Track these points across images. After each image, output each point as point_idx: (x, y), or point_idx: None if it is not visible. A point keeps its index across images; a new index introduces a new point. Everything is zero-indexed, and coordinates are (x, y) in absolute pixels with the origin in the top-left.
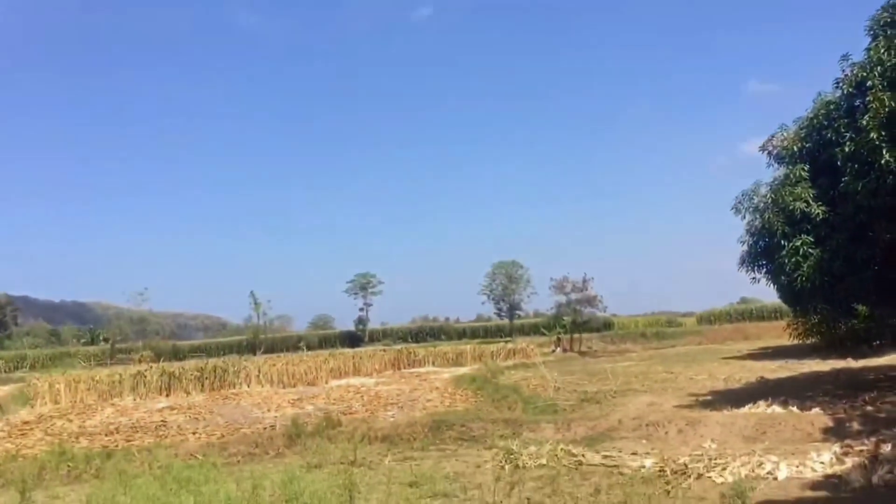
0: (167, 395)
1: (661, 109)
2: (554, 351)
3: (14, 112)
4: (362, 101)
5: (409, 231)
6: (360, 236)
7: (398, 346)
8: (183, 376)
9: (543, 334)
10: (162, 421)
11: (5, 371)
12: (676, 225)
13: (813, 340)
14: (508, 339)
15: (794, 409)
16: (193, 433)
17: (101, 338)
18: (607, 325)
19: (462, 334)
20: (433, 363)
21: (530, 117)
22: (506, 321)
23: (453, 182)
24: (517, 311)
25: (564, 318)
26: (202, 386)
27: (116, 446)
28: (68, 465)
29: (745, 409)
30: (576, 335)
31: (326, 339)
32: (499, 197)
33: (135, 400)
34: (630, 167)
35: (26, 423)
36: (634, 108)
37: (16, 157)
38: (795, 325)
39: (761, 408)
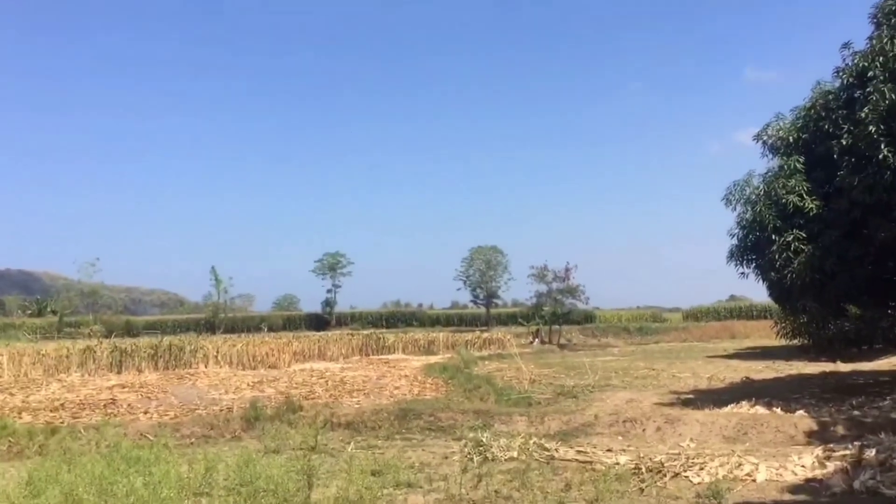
0: (118, 373)
1: (655, 93)
2: (532, 342)
3: None
4: (335, 78)
5: (383, 211)
6: (331, 215)
7: (367, 331)
8: (136, 353)
9: (521, 325)
10: (111, 399)
11: None
12: (666, 214)
13: (801, 341)
14: (484, 328)
15: (779, 410)
16: (145, 413)
17: (48, 310)
18: (589, 318)
19: (435, 321)
20: (403, 350)
21: (515, 97)
22: (482, 309)
23: (430, 163)
24: (494, 300)
25: (544, 308)
26: (156, 364)
27: (62, 423)
28: (9, 441)
29: (728, 408)
30: (555, 327)
31: (291, 321)
32: (478, 179)
33: (83, 376)
34: (620, 152)
35: None
36: (626, 91)
37: None
38: (784, 325)
39: (744, 408)
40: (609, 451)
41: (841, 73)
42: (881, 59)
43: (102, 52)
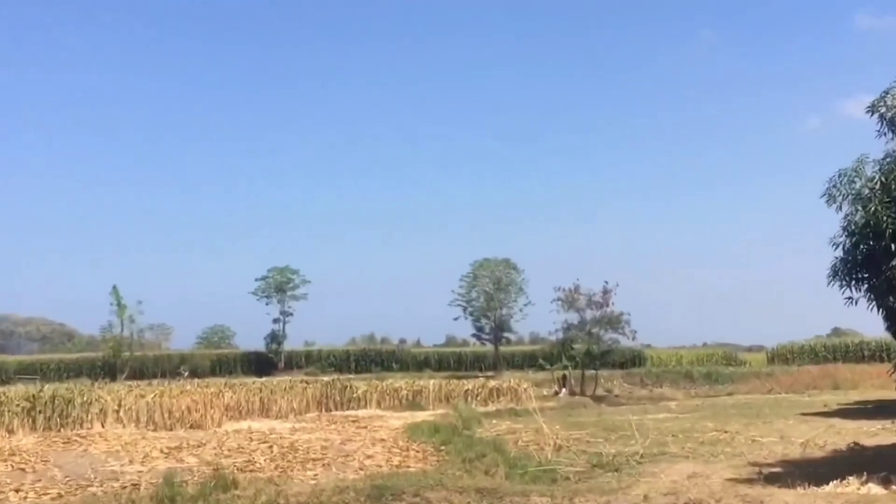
0: None
1: (731, 45)
2: (557, 393)
3: None
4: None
5: (350, 215)
6: (278, 219)
7: (328, 378)
8: (5, 407)
9: (542, 368)
10: None
11: None
12: (742, 216)
13: None
14: (491, 373)
15: None
16: (16, 491)
17: None
18: (637, 360)
19: (423, 364)
20: (378, 404)
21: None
22: (489, 347)
23: (412, 147)
24: (506, 334)
25: (574, 345)
26: (33, 423)
27: None
28: None
29: (829, 487)
30: (590, 372)
31: (223, 363)
32: (482, 170)
33: None
34: (678, 130)
35: None
36: (692, 42)
37: None
38: None
39: (852, 486)
40: None
41: None
42: None
43: None
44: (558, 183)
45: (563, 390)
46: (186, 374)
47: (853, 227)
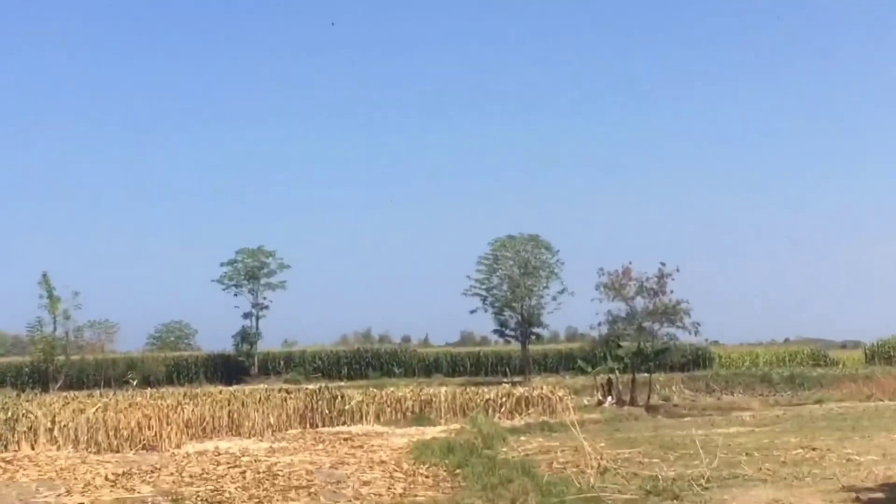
0: None
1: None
2: (601, 403)
3: None
4: None
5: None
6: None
7: (313, 386)
8: None
9: (583, 372)
10: None
11: None
12: (834, 185)
13: None
14: (518, 378)
15: None
16: None
17: None
18: (701, 360)
19: (433, 367)
20: (377, 418)
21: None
22: (514, 346)
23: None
24: (535, 329)
25: (622, 343)
26: None
27: None
28: None
29: None
30: (642, 375)
31: (181, 368)
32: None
33: None
34: (758, 88)
35: None
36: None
37: None
38: None
39: None
40: None
41: None
42: None
43: None
44: (603, 146)
45: (609, 399)
46: (136, 382)
47: None
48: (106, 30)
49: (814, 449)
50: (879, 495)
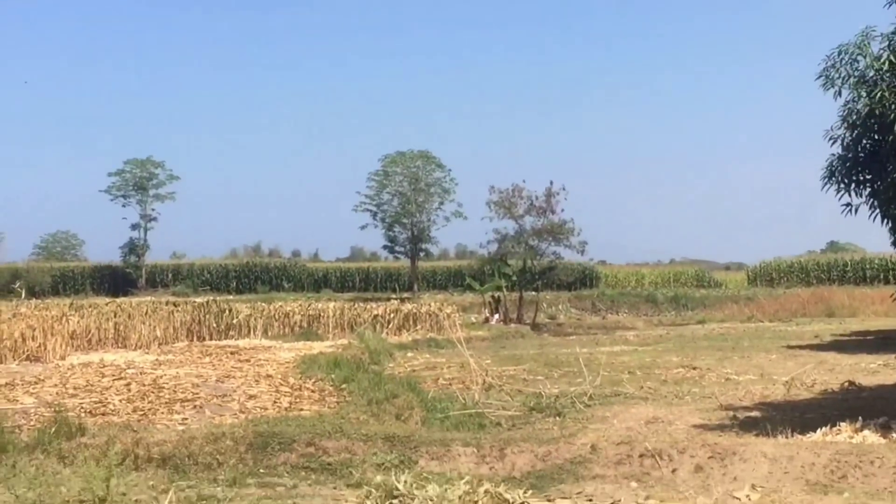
0: None
1: None
2: (488, 320)
3: None
4: None
5: (228, 97)
6: (137, 99)
7: (202, 299)
8: None
9: (471, 289)
10: None
11: None
12: (715, 103)
13: None
14: (407, 294)
15: None
16: None
17: None
18: (587, 279)
19: (322, 282)
20: (265, 332)
21: None
22: (404, 262)
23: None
24: (425, 246)
25: (510, 261)
26: None
27: None
28: None
29: (817, 434)
30: (529, 294)
31: (67, 279)
32: (397, 45)
33: None
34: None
35: None
36: None
37: None
38: None
39: (844, 434)
40: None
41: None
42: None
43: None
44: (494, 64)
45: (496, 316)
46: (22, 293)
47: (854, 117)
48: None
49: (694, 368)
50: (755, 414)
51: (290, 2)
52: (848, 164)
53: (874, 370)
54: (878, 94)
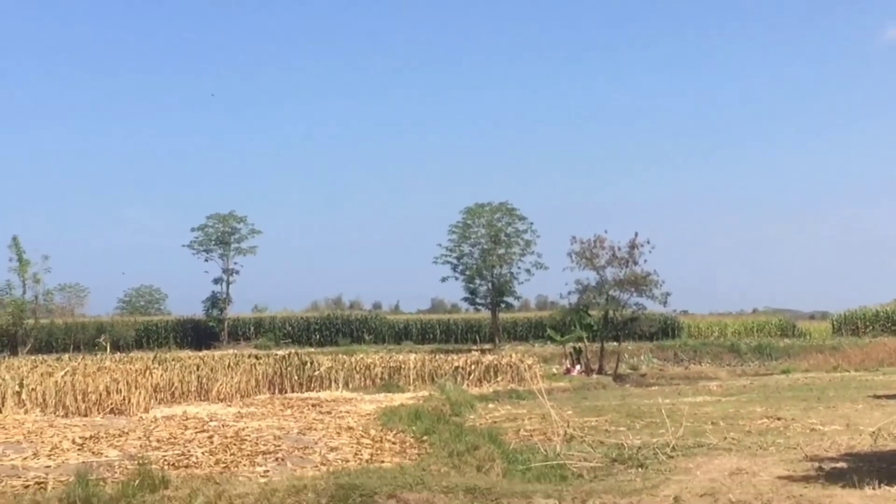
0: None
1: None
2: (570, 371)
3: None
4: None
5: (313, 154)
6: (221, 157)
7: (283, 352)
8: None
9: (552, 340)
10: None
11: None
12: (802, 158)
13: None
14: (488, 346)
15: None
16: None
17: None
18: (670, 330)
19: (403, 334)
20: (346, 384)
21: None
22: (484, 314)
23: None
24: (506, 298)
25: (591, 312)
26: None
27: None
28: None
29: None
30: (611, 344)
31: (151, 333)
32: (481, 99)
33: None
34: (726, 56)
35: None
36: None
37: None
38: None
39: None
40: None
41: None
42: None
43: None
44: (577, 118)
45: (577, 367)
46: (107, 346)
47: None
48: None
49: (779, 419)
50: (842, 465)
51: (365, 62)
52: None
53: None
54: None
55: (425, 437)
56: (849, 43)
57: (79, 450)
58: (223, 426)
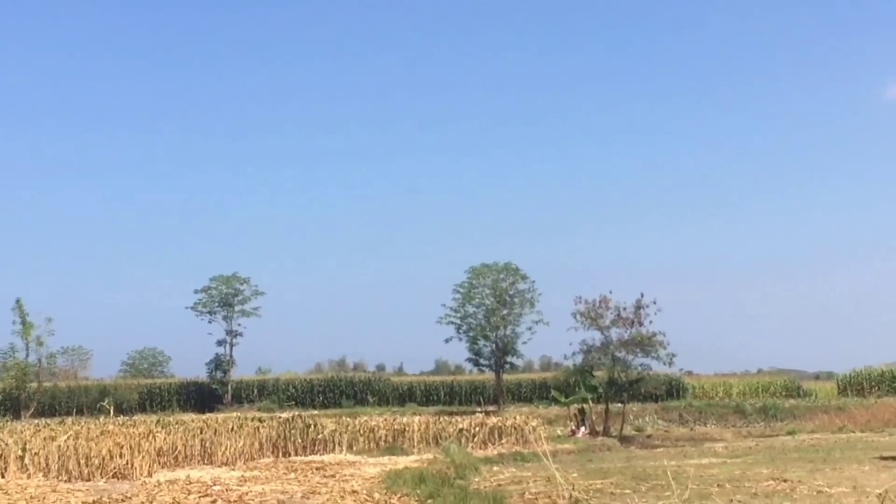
0: None
1: (785, 14)
2: (574, 433)
3: None
4: None
5: (316, 215)
6: (225, 218)
7: (287, 414)
8: None
9: (556, 402)
10: None
11: None
12: (806, 217)
13: None
14: (492, 407)
15: None
16: None
17: None
18: (675, 391)
19: (407, 396)
20: (350, 447)
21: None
22: (488, 375)
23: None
24: (510, 359)
25: (596, 373)
26: None
27: None
28: None
29: None
30: (615, 406)
31: (154, 396)
32: (483, 161)
33: None
34: (726, 113)
35: None
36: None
37: None
38: None
39: None
40: None
41: None
42: None
43: None
44: (578, 178)
45: (582, 429)
46: (110, 409)
47: None
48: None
49: (785, 480)
50: None
51: (369, 122)
52: None
53: None
54: None
55: (430, 501)
56: (850, 102)
57: None
58: (227, 490)
